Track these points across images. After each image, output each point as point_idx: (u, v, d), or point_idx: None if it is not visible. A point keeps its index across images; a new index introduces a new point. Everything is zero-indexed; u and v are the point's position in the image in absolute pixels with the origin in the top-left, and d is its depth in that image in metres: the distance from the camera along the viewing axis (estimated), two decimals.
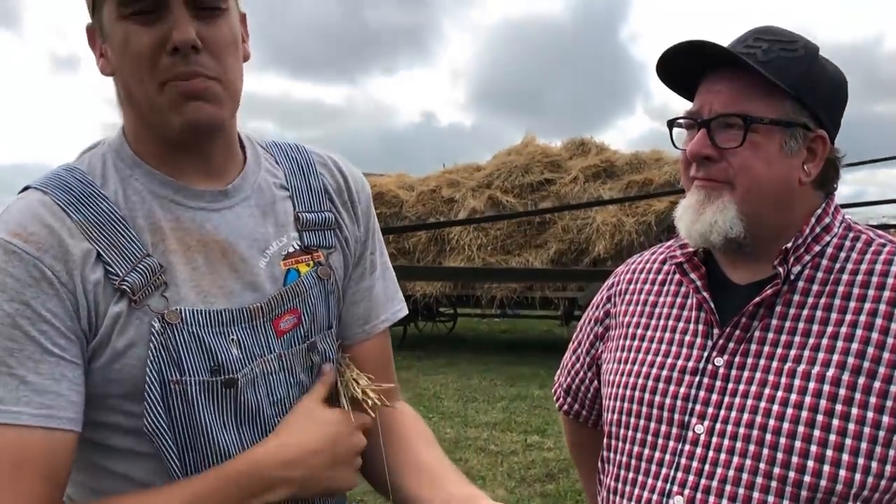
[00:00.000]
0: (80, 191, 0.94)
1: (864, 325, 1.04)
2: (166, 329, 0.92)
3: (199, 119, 0.93)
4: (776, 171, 1.07)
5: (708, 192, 1.09)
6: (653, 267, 1.30)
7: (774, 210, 1.09)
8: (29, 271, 0.88)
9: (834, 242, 1.11)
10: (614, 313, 1.32)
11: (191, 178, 1.00)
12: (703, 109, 1.10)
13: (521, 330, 12.97)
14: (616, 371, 1.25)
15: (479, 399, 7.33)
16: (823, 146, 1.10)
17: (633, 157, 10.23)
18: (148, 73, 0.91)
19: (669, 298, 1.23)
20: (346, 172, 1.16)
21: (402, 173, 11.70)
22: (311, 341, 1.04)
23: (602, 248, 9.24)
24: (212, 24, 0.93)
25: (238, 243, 1.00)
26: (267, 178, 1.08)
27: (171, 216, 0.97)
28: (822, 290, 1.08)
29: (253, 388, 0.98)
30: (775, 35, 1.09)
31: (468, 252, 9.91)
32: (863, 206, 10.56)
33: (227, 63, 0.95)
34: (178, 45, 0.89)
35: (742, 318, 1.11)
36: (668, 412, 1.14)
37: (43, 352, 0.88)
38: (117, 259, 0.92)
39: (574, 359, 1.42)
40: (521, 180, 10.23)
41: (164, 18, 0.90)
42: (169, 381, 0.92)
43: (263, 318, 1.00)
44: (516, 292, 9.85)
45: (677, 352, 1.17)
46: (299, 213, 1.07)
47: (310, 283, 1.05)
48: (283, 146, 1.14)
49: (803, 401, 1.03)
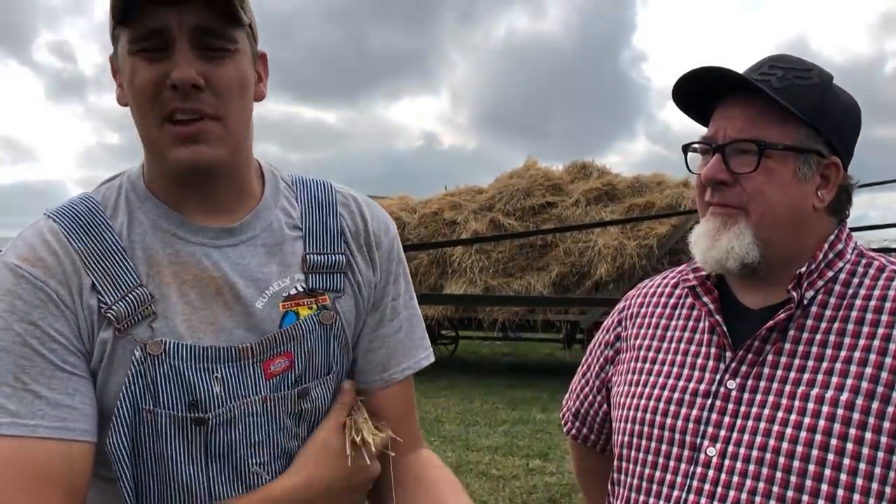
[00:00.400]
0: (87, 220, 0.98)
1: (878, 350, 1.04)
2: (147, 359, 0.94)
3: (195, 161, 0.95)
4: (790, 196, 1.09)
5: (724, 219, 1.10)
6: (664, 291, 1.31)
7: (789, 235, 1.10)
8: (36, 294, 0.92)
9: (847, 268, 1.12)
10: (625, 336, 1.32)
11: (197, 214, 1.01)
12: (717, 135, 1.11)
13: (522, 353, 12.92)
14: (627, 393, 1.25)
15: (480, 423, 7.29)
16: (837, 173, 1.12)
17: (634, 181, 10.25)
18: (149, 108, 0.94)
19: (681, 322, 1.24)
20: (367, 216, 1.14)
21: (404, 195, 11.73)
22: (302, 387, 1.02)
23: (604, 272, 9.23)
24: (218, 65, 0.94)
25: (236, 282, 1.00)
26: (280, 217, 1.07)
27: (170, 250, 0.99)
28: (836, 315, 1.09)
29: (228, 428, 0.97)
30: (790, 63, 1.11)
31: (470, 274, 9.91)
32: (865, 231, 10.56)
33: (230, 103, 0.96)
34: (177, 84, 0.91)
35: (755, 341, 1.11)
36: (680, 434, 1.14)
37: (54, 368, 0.91)
38: (109, 288, 0.95)
39: (583, 382, 1.42)
40: (522, 203, 10.25)
41: (169, 57, 0.92)
42: (142, 408, 0.94)
43: (253, 358, 0.99)
44: (518, 315, 9.82)
45: (689, 374, 1.17)
46: (307, 255, 1.06)
47: (308, 326, 1.03)
48: (307, 182, 1.14)
49: (817, 424, 1.03)
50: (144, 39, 0.92)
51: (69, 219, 0.98)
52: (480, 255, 10.03)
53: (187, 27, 0.91)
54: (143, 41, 0.92)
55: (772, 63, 1.11)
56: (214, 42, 0.94)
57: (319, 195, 1.12)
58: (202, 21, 0.92)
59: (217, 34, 0.94)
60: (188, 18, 0.91)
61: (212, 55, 0.94)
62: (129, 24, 0.92)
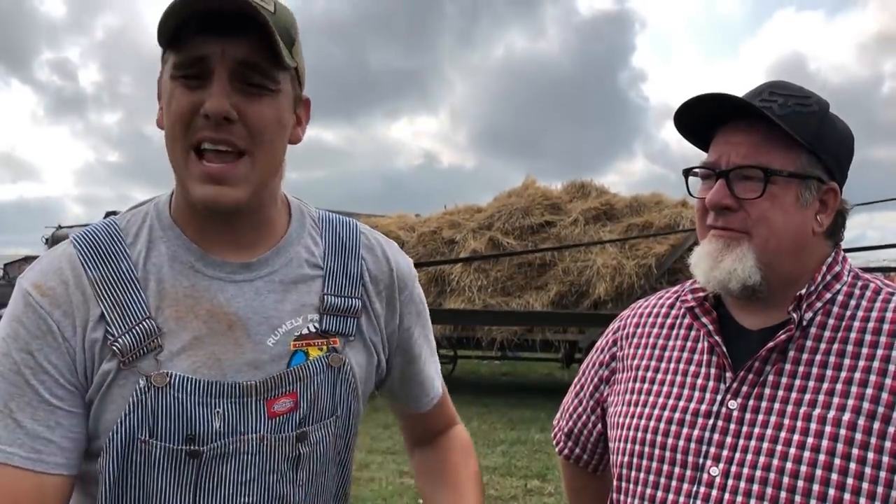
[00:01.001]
0: (106, 248, 0.99)
1: (878, 370, 1.05)
2: (150, 390, 0.94)
3: (217, 203, 0.95)
4: (793, 221, 1.10)
5: (727, 242, 1.12)
6: (660, 311, 1.31)
7: (790, 259, 1.12)
8: (38, 324, 0.94)
9: (844, 290, 1.14)
10: (621, 356, 1.33)
11: (217, 247, 1.02)
12: (721, 160, 1.12)
13: (521, 373, 12.87)
14: (626, 413, 1.25)
15: (478, 443, 7.24)
16: (835, 198, 1.14)
17: (633, 200, 10.27)
18: (180, 135, 0.95)
19: (679, 342, 1.24)
20: (391, 260, 1.17)
21: (402, 214, 11.74)
22: (302, 430, 1.02)
23: (602, 291, 9.22)
24: (255, 102, 0.95)
25: (249, 318, 1.01)
26: (301, 254, 1.08)
27: (186, 282, 1.00)
28: (834, 336, 1.10)
29: (220, 462, 0.97)
30: (789, 90, 1.13)
31: (468, 293, 9.89)
32: (863, 251, 10.58)
33: (262, 141, 0.96)
34: (210, 114, 0.92)
35: (756, 362, 1.12)
36: (682, 454, 1.14)
37: (40, 400, 0.93)
38: (117, 319, 0.96)
39: (576, 402, 1.41)
40: (521, 222, 10.26)
41: (207, 87, 0.93)
42: (136, 438, 0.94)
43: (257, 395, 0.99)
44: (517, 334, 9.80)
45: (689, 394, 1.18)
46: (325, 296, 1.07)
47: (317, 368, 1.03)
48: (333, 222, 1.15)
49: (819, 444, 1.04)
50: (187, 66, 0.93)
51: (88, 245, 0.99)
52: (479, 273, 10.02)
53: (230, 59, 0.93)
54: (185, 67, 0.94)
55: (771, 90, 1.13)
56: (255, 78, 0.95)
57: (344, 236, 1.13)
58: (246, 56, 0.93)
59: (259, 71, 0.95)
60: (232, 51, 0.93)
61: (250, 90, 0.95)
62: (176, 50, 0.94)
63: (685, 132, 1.21)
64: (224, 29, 0.92)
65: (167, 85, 0.96)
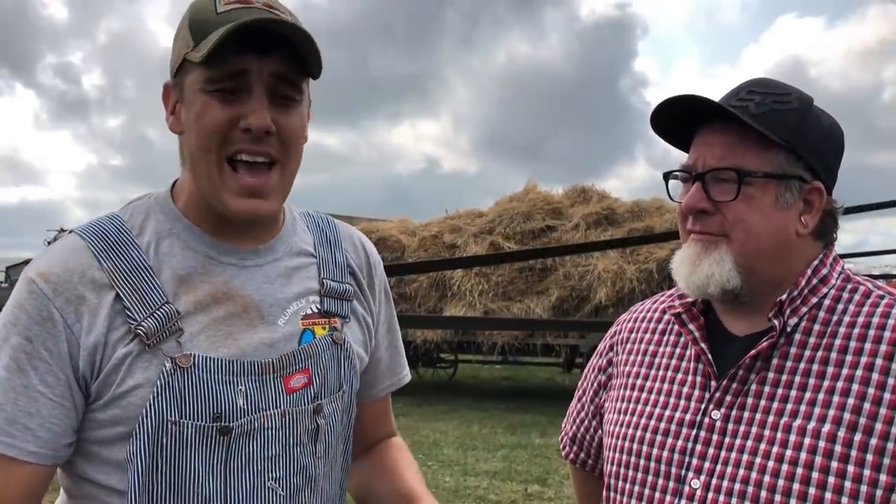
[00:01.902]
0: (116, 239, 1.02)
1: (861, 379, 1.02)
2: (176, 371, 0.96)
3: (255, 215, 1.01)
4: (772, 223, 1.08)
5: (705, 245, 1.10)
6: (654, 316, 1.30)
7: (771, 262, 1.09)
8: (40, 311, 0.96)
9: (832, 294, 1.10)
10: (616, 362, 1.32)
11: (228, 237, 1.06)
12: (697, 163, 1.11)
13: (522, 377, 12.86)
14: (616, 422, 1.24)
15: (479, 447, 7.23)
16: (820, 197, 1.10)
17: (634, 205, 10.28)
18: (216, 147, 0.98)
19: (669, 349, 1.23)
20: (369, 252, 1.24)
21: (404, 218, 11.75)
22: (317, 403, 1.07)
23: (603, 296, 9.22)
24: (285, 113, 0.99)
25: (261, 301, 1.06)
26: (298, 243, 1.14)
27: (203, 269, 1.04)
28: (819, 342, 1.07)
29: (247, 440, 1.00)
30: (768, 87, 1.10)
31: (469, 298, 9.89)
32: (866, 256, 10.57)
33: (292, 150, 1.02)
34: (254, 129, 0.96)
35: (739, 370, 1.10)
36: (666, 465, 1.13)
37: (26, 386, 0.95)
38: (137, 305, 0.98)
39: (579, 407, 1.41)
40: (522, 227, 10.27)
41: (243, 100, 0.96)
42: (167, 420, 0.96)
43: (274, 373, 1.03)
44: (518, 339, 9.80)
45: (675, 403, 1.16)
46: (323, 280, 1.13)
47: (324, 345, 1.09)
48: (315, 217, 1.22)
49: (799, 457, 1.02)
50: (223, 80, 0.96)
51: (99, 238, 1.01)
52: (480, 278, 10.02)
53: (266, 74, 0.96)
54: (221, 82, 0.96)
55: (750, 88, 1.11)
56: (286, 91, 0.99)
57: (326, 229, 1.20)
58: (280, 69, 0.97)
59: (290, 83, 0.99)
60: (269, 66, 0.96)
61: (281, 102, 0.98)
62: (211, 63, 0.95)
63: (665, 135, 1.19)
64: (263, 45, 0.95)
65: (196, 96, 0.98)
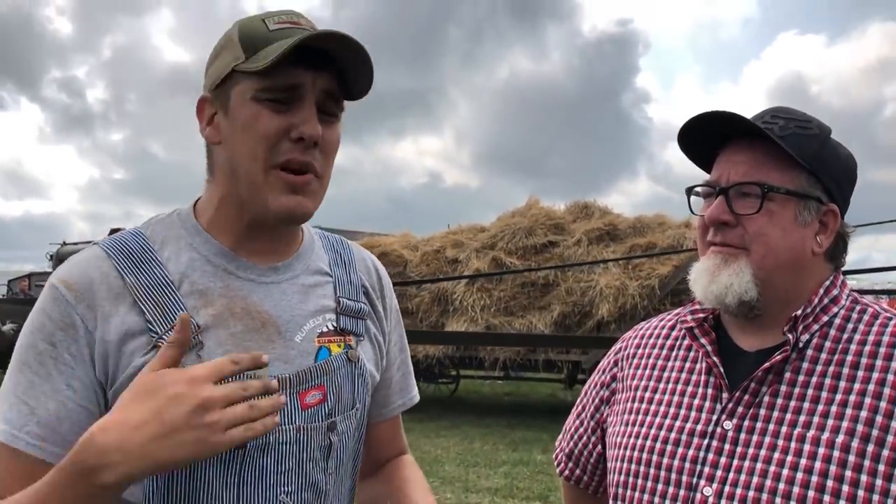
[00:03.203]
0: (139, 255, 1.05)
1: (873, 394, 1.05)
2: None
3: (296, 211, 1.03)
4: (790, 239, 1.12)
5: (725, 257, 1.14)
6: (661, 332, 1.33)
7: (787, 277, 1.13)
8: (63, 317, 0.99)
9: (841, 314, 1.14)
10: (621, 377, 1.34)
11: (248, 253, 1.09)
12: (721, 178, 1.15)
13: (523, 393, 12.81)
14: (623, 433, 1.25)
15: (480, 463, 7.20)
16: (835, 220, 1.15)
17: (636, 221, 10.28)
18: (265, 154, 1.00)
19: (678, 363, 1.25)
20: (381, 273, 1.27)
21: (406, 233, 11.76)
22: (332, 420, 1.08)
23: (606, 312, 9.20)
24: (328, 128, 1.03)
25: (279, 317, 1.07)
26: (315, 261, 1.17)
27: (222, 284, 1.06)
28: (831, 358, 1.10)
29: (262, 454, 1.01)
30: (790, 114, 1.16)
31: (471, 313, 9.88)
32: (869, 273, 10.54)
33: (329, 164, 1.06)
34: (306, 138, 0.99)
35: (752, 382, 1.12)
36: (677, 474, 1.14)
37: (55, 391, 0.97)
38: (159, 319, 1.00)
39: (577, 423, 1.42)
40: (524, 242, 10.27)
41: (294, 110, 1.00)
42: None
43: (290, 388, 1.04)
44: (519, 354, 9.77)
45: (686, 414, 1.18)
46: (340, 298, 1.15)
47: (339, 362, 1.11)
48: (329, 238, 1.24)
49: (813, 466, 1.04)
50: (278, 91, 0.99)
51: (122, 254, 1.04)
52: (482, 293, 10.01)
53: (318, 89, 1.01)
54: (276, 92, 0.99)
55: (773, 113, 1.16)
56: (331, 107, 1.03)
57: (340, 250, 1.23)
58: (330, 86, 1.02)
59: (335, 99, 1.04)
60: (321, 81, 1.01)
61: (325, 118, 1.03)
62: (267, 74, 0.98)
63: (689, 152, 1.23)
64: (318, 61, 0.99)
65: (246, 105, 1.01)
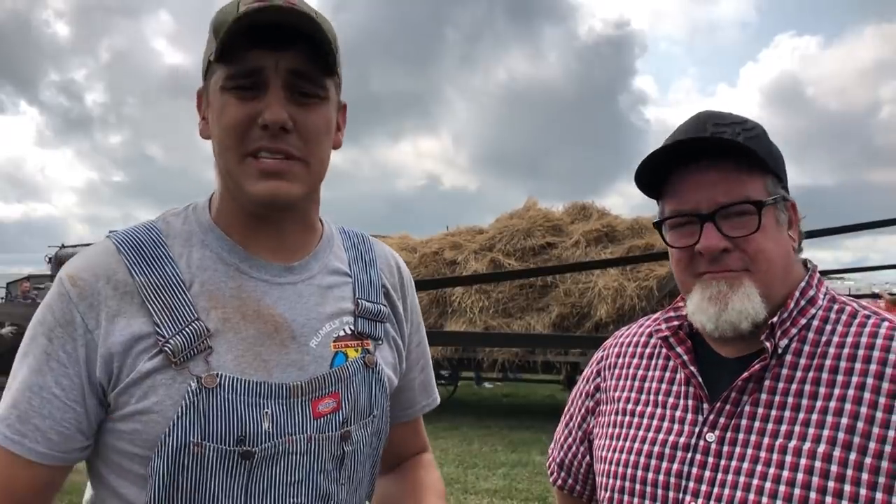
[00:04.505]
0: (150, 253, 1.01)
1: (853, 399, 1.03)
2: (201, 392, 0.94)
3: (275, 196, 0.98)
4: (781, 246, 1.10)
5: (729, 282, 1.07)
6: (640, 340, 1.30)
7: (782, 284, 1.11)
8: (64, 313, 0.96)
9: (819, 315, 1.11)
10: (604, 388, 1.31)
11: (261, 250, 1.04)
12: (700, 205, 1.08)
13: (522, 394, 12.80)
14: (608, 447, 1.24)
15: (479, 465, 7.20)
16: (796, 212, 1.14)
17: (634, 223, 10.28)
18: (234, 144, 0.97)
19: (658, 373, 1.23)
20: (403, 272, 1.22)
21: (404, 235, 11.75)
22: (346, 430, 1.04)
23: (604, 313, 9.20)
24: (307, 110, 0.98)
25: (293, 320, 1.03)
26: (333, 261, 1.12)
27: (233, 284, 1.02)
28: (810, 363, 1.08)
29: (271, 464, 0.97)
30: (729, 119, 1.10)
31: (470, 315, 9.87)
32: (865, 272, 10.56)
33: (313, 147, 1.00)
34: (269, 124, 0.95)
35: (732, 392, 1.10)
36: (662, 489, 1.13)
37: (41, 387, 0.95)
38: (167, 321, 0.96)
39: (566, 433, 1.41)
40: (522, 244, 10.27)
41: (261, 97, 0.96)
42: (190, 441, 0.94)
43: (303, 396, 1.00)
44: (518, 356, 9.77)
45: (669, 427, 1.16)
46: (358, 300, 1.10)
47: (355, 368, 1.06)
48: (351, 235, 1.19)
49: (795, 478, 1.02)
50: (240, 77, 0.96)
51: (133, 250, 1.01)
52: (480, 295, 10.01)
53: (283, 70, 0.96)
54: (238, 79, 0.96)
55: (713, 122, 1.09)
56: (306, 87, 0.98)
57: (362, 248, 1.18)
58: (297, 66, 0.96)
59: (310, 80, 0.98)
60: (286, 62, 0.96)
61: (302, 100, 0.98)
62: (228, 62, 0.96)
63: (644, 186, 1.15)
64: (277, 40, 0.95)
65: (217, 96, 0.99)
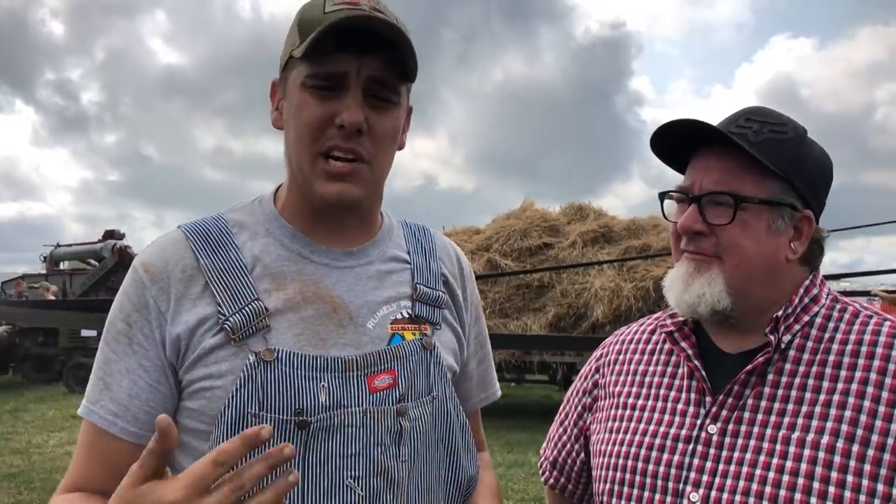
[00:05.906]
0: (216, 239, 1.07)
1: (856, 393, 1.04)
2: (259, 365, 0.99)
3: (341, 198, 1.03)
4: (764, 248, 1.10)
5: (697, 265, 1.12)
6: (642, 337, 1.31)
7: (761, 286, 1.12)
8: (139, 298, 1.03)
9: (822, 313, 1.13)
10: (603, 384, 1.32)
11: (322, 237, 1.09)
12: (694, 185, 1.13)
13: (518, 395, 12.81)
14: (608, 441, 1.24)
15: None
16: (809, 226, 1.13)
17: (630, 223, 10.30)
18: (310, 142, 1.02)
19: (660, 367, 1.24)
20: (463, 264, 1.27)
21: None
22: (402, 405, 1.06)
23: (600, 313, 9.22)
24: (380, 114, 1.02)
25: (351, 302, 1.07)
26: (393, 248, 1.16)
27: (295, 268, 1.07)
28: (813, 359, 1.09)
29: (327, 436, 1.00)
30: (765, 116, 1.13)
31: None
32: (861, 276, 10.57)
33: (381, 150, 1.04)
34: (347, 125, 0.99)
35: (735, 385, 1.11)
36: (663, 481, 1.13)
37: (128, 370, 1.02)
38: (229, 301, 1.02)
39: (561, 431, 1.41)
40: (519, 244, 10.28)
41: (340, 98, 1.00)
42: (247, 412, 0.98)
43: (358, 371, 1.04)
44: (514, 356, 9.77)
45: (670, 420, 1.17)
46: (417, 285, 1.14)
47: (413, 349, 1.09)
48: (411, 226, 1.24)
49: (799, 468, 1.03)
50: (322, 78, 1.00)
51: (200, 236, 1.07)
52: None
53: (364, 76, 1.00)
54: (320, 79, 1.00)
55: (748, 116, 1.13)
56: (382, 92, 1.02)
57: (422, 239, 1.22)
58: (377, 73, 1.00)
59: (387, 86, 1.02)
60: (366, 68, 1.00)
61: (377, 104, 1.02)
62: (313, 61, 0.99)
63: (662, 155, 1.21)
64: (362, 45, 0.99)
65: (296, 92, 1.02)
